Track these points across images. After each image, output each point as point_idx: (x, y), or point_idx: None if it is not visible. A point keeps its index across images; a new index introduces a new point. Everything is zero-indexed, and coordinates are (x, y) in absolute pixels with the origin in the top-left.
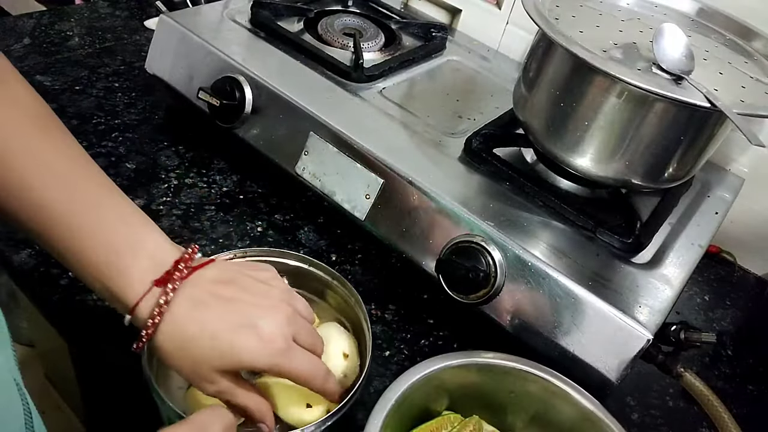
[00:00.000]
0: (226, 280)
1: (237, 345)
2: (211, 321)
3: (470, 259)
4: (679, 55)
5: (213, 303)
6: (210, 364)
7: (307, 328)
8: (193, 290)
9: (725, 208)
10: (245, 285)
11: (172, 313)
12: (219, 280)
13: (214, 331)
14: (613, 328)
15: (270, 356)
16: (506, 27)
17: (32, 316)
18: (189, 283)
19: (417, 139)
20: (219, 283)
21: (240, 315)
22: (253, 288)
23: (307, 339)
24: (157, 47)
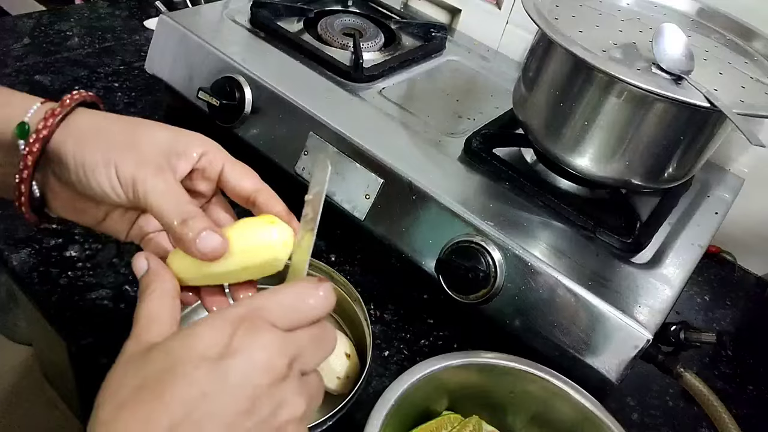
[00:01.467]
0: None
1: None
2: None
3: (470, 259)
4: (678, 55)
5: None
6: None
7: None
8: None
9: (725, 208)
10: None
11: (72, 119)
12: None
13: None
14: (613, 328)
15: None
16: (506, 27)
17: (31, 316)
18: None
19: (417, 139)
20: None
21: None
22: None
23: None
24: (157, 47)
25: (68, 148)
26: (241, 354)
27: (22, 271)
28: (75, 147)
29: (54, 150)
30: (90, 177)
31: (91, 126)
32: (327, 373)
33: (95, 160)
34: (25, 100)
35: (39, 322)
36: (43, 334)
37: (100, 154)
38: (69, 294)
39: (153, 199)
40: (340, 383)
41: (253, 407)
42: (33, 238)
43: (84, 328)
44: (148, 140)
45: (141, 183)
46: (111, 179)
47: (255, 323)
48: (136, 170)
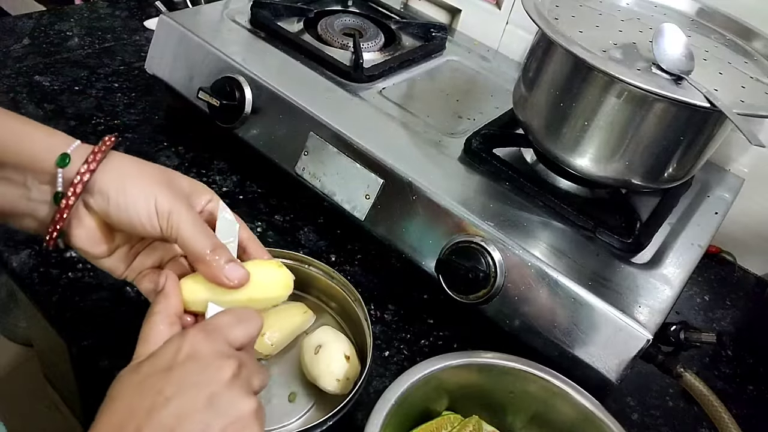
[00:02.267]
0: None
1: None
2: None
3: (470, 259)
4: (678, 55)
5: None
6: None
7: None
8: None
9: (725, 208)
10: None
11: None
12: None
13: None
14: (613, 328)
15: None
16: (506, 27)
17: (31, 316)
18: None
19: (417, 139)
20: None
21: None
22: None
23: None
24: (157, 47)
25: (110, 183)
26: (195, 361)
27: (23, 271)
28: (118, 181)
29: (94, 184)
30: (130, 206)
31: (131, 165)
32: (326, 376)
33: (137, 192)
34: (67, 137)
35: (39, 322)
36: (44, 334)
37: (141, 187)
38: (69, 295)
39: (187, 229)
40: (339, 385)
41: (210, 405)
42: (33, 239)
43: (84, 328)
44: (177, 182)
45: (176, 215)
46: (150, 209)
47: (210, 335)
48: (172, 204)
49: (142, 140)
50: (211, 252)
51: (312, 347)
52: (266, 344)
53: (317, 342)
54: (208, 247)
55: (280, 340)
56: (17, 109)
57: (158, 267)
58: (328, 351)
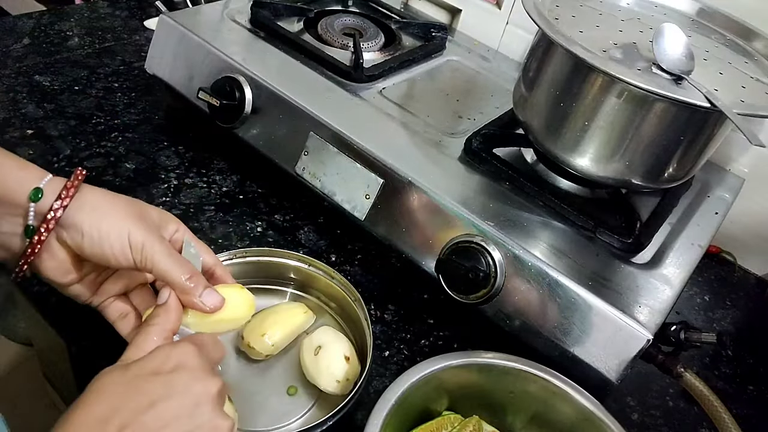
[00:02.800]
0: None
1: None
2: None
3: (470, 259)
4: (679, 55)
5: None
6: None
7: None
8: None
9: (725, 208)
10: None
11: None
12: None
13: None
14: (613, 328)
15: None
16: (506, 27)
17: (30, 316)
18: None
19: (417, 139)
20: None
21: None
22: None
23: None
24: (157, 47)
25: (83, 217)
26: (184, 368)
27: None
28: (91, 216)
29: (67, 218)
30: (104, 240)
31: (103, 199)
32: (326, 377)
33: (110, 227)
34: (39, 171)
35: (39, 322)
36: (43, 334)
37: (114, 221)
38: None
39: (161, 261)
40: (339, 386)
41: (195, 414)
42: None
43: (84, 329)
44: (148, 214)
45: (149, 247)
46: (123, 243)
47: (197, 348)
48: (145, 237)
49: (142, 140)
50: (187, 280)
51: (312, 348)
52: (267, 344)
53: (317, 343)
54: (185, 275)
55: (281, 340)
56: (17, 109)
57: (124, 294)
58: (327, 352)
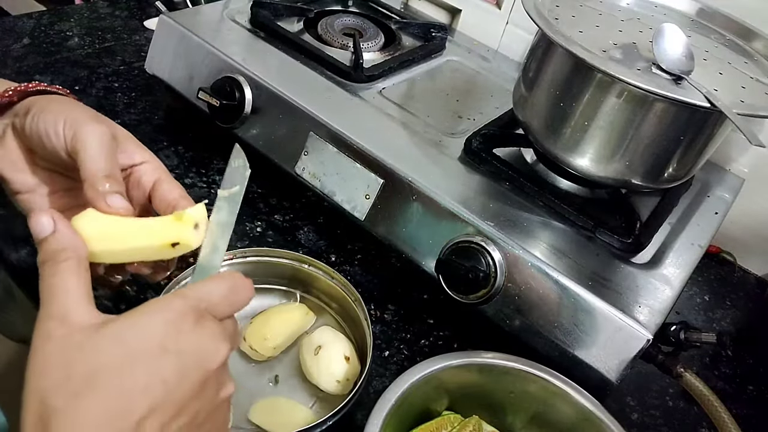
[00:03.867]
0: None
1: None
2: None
3: (470, 259)
4: (679, 55)
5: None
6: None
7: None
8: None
9: (725, 208)
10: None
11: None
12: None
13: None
14: (613, 328)
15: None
16: (506, 27)
17: (29, 313)
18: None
19: (417, 139)
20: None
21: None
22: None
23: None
24: (157, 47)
25: (38, 103)
26: (194, 344)
27: (21, 268)
28: (45, 103)
29: (27, 104)
30: (42, 120)
31: (70, 101)
32: (326, 377)
33: (55, 109)
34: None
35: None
36: None
37: (57, 108)
38: None
39: (90, 147)
40: (339, 386)
41: (202, 390)
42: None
43: None
44: (104, 121)
45: (83, 132)
46: (56, 125)
47: (202, 315)
48: (84, 124)
49: (142, 140)
50: (103, 177)
51: (312, 348)
52: (268, 347)
53: (317, 342)
54: (104, 171)
55: (282, 343)
56: None
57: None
58: (327, 352)
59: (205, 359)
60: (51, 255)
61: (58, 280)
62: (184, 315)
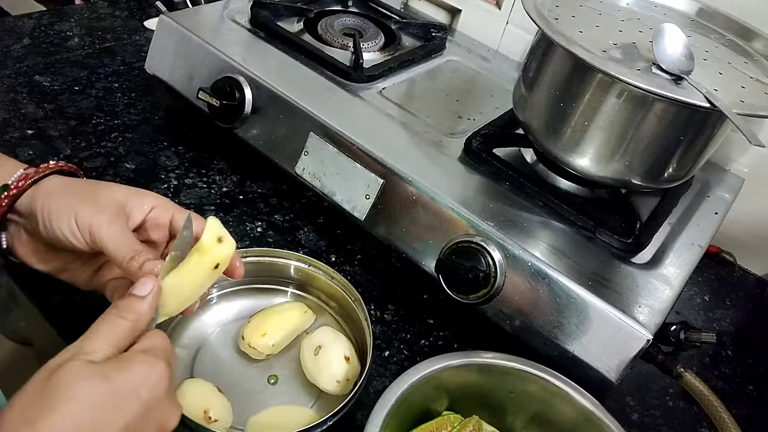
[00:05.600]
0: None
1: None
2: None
3: (470, 259)
4: (678, 55)
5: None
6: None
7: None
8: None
9: (725, 208)
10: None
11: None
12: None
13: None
14: (613, 328)
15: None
16: (506, 27)
17: (31, 315)
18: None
19: (417, 139)
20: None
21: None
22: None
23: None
24: (157, 47)
25: (38, 203)
26: (159, 395)
27: (23, 271)
28: (43, 201)
29: (26, 205)
30: (54, 224)
31: (59, 185)
32: (326, 377)
33: (59, 210)
34: (14, 166)
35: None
36: (44, 334)
37: (63, 205)
38: (70, 295)
39: (108, 241)
40: (339, 386)
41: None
42: None
43: (84, 328)
44: (107, 195)
45: (97, 228)
46: (71, 225)
47: (167, 370)
48: (92, 218)
49: (142, 140)
50: (129, 260)
51: (312, 348)
52: (267, 344)
53: (317, 342)
54: (127, 255)
55: (281, 341)
56: (17, 110)
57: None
58: (327, 352)
59: (163, 417)
60: (124, 308)
61: (108, 327)
62: (156, 368)
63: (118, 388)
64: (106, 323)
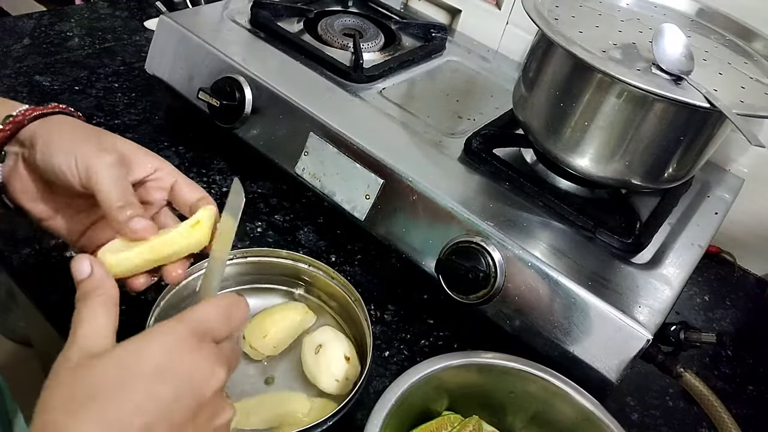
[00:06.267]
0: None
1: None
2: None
3: (470, 259)
4: (678, 56)
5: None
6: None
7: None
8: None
9: (725, 208)
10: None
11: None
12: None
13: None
14: (613, 328)
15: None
16: (506, 27)
17: (30, 315)
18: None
19: (417, 140)
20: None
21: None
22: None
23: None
24: (157, 47)
25: (42, 134)
26: (190, 368)
27: (23, 271)
28: (48, 134)
29: (29, 135)
30: (54, 156)
31: (66, 123)
32: (326, 376)
33: (61, 144)
34: (19, 105)
35: (39, 322)
36: (44, 334)
37: (66, 141)
38: (69, 294)
39: (102, 182)
40: (339, 385)
41: (196, 415)
42: (33, 239)
43: None
44: (112, 141)
45: (94, 167)
46: (68, 161)
47: (201, 339)
48: (92, 158)
49: (142, 140)
50: (119, 207)
51: (313, 346)
52: (268, 346)
53: (318, 341)
54: (118, 201)
55: (282, 342)
56: None
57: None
58: (328, 351)
59: (199, 384)
60: (85, 293)
61: (89, 312)
62: (183, 340)
63: (138, 373)
64: (82, 310)
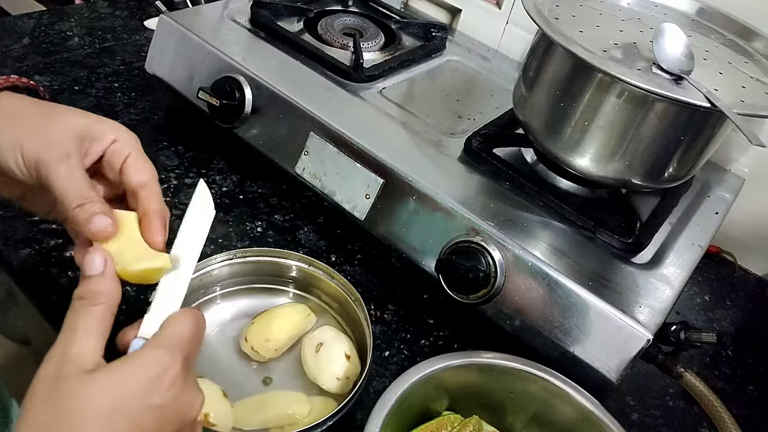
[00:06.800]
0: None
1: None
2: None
3: (470, 259)
4: (679, 55)
5: None
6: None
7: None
8: None
9: (725, 208)
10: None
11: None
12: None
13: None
14: (613, 328)
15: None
16: (506, 27)
17: (30, 315)
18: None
19: (417, 139)
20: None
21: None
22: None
23: None
24: (157, 47)
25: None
26: (174, 398)
27: (22, 271)
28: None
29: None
30: (1, 154)
31: (8, 108)
32: (327, 374)
33: (4, 139)
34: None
35: (38, 321)
36: (42, 333)
37: (9, 136)
38: (69, 294)
39: (55, 183)
40: (339, 384)
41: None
42: (33, 239)
43: None
44: (61, 124)
45: (44, 166)
46: (17, 159)
47: (183, 366)
48: (40, 153)
49: (141, 140)
50: (77, 207)
51: (313, 345)
52: (270, 349)
53: (319, 340)
54: (74, 201)
55: (283, 344)
56: None
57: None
58: (328, 350)
59: (183, 412)
60: (90, 294)
61: (86, 321)
62: (167, 369)
63: (126, 404)
64: (81, 316)
